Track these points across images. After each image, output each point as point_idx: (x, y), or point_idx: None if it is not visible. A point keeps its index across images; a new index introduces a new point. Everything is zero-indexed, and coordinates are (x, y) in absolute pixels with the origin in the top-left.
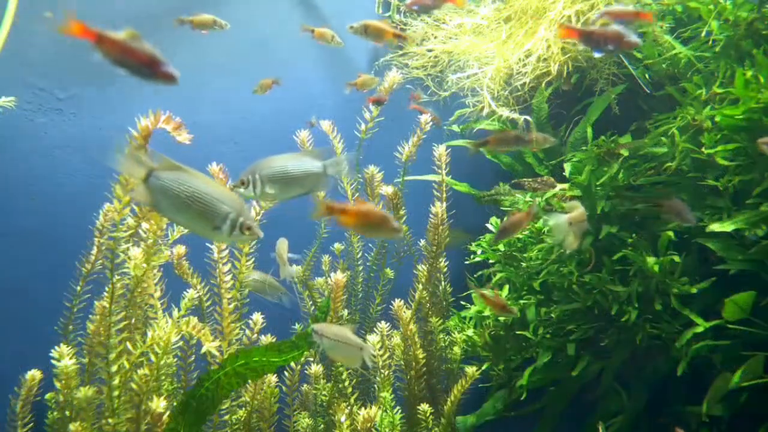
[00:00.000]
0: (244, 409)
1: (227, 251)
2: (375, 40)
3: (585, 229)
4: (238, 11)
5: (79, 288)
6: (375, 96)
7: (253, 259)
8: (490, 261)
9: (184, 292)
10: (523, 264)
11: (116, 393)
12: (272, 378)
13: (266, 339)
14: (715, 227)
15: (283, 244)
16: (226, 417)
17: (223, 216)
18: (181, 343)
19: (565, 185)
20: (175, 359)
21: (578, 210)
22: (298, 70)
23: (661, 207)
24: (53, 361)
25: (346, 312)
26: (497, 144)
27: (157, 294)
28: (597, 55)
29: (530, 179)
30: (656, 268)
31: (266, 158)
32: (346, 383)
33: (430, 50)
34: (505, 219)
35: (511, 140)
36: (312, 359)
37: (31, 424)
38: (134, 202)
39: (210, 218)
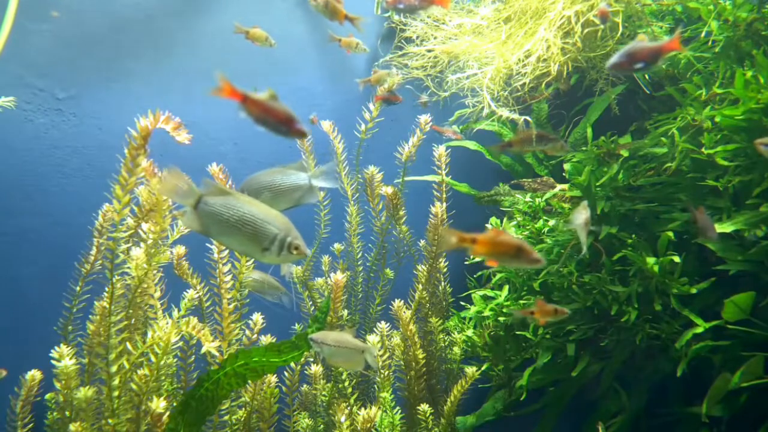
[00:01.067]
0: (243, 409)
1: (227, 251)
2: (330, 18)
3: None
4: (238, 11)
5: (78, 288)
6: (385, 95)
7: (252, 259)
8: None
9: (184, 293)
10: None
11: (116, 393)
12: (272, 378)
13: (266, 339)
14: (715, 227)
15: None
16: (226, 417)
17: (272, 237)
18: (181, 343)
19: (565, 186)
20: (175, 359)
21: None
22: (298, 71)
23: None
24: (53, 362)
25: (345, 312)
26: (522, 144)
27: (157, 294)
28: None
29: (530, 179)
30: (656, 268)
31: (253, 175)
32: (346, 383)
33: (429, 50)
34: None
35: (534, 140)
36: (312, 359)
37: (31, 424)
38: (183, 223)
39: (259, 240)
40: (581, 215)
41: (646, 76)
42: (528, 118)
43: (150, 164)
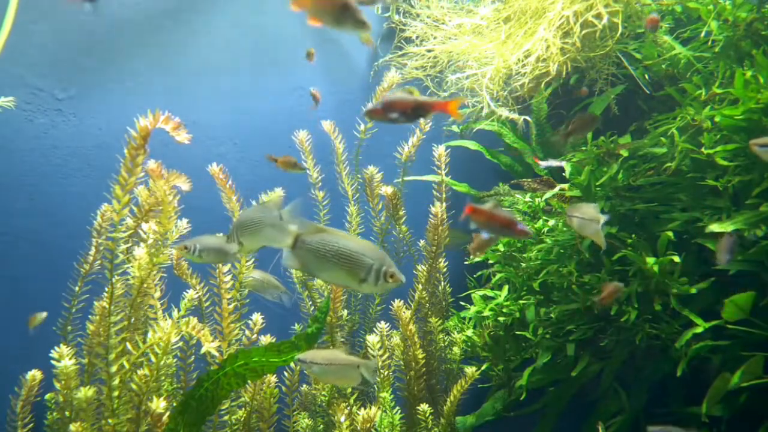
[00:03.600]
0: (243, 409)
1: None
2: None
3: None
4: (237, 11)
5: (77, 288)
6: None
7: (252, 259)
8: (490, 261)
9: (184, 293)
10: (523, 264)
11: (116, 393)
12: (272, 378)
13: (266, 339)
14: (715, 227)
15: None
16: (226, 417)
17: (368, 268)
18: (180, 343)
19: (565, 185)
20: (175, 360)
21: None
22: (297, 71)
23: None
24: (53, 362)
25: (345, 312)
26: (581, 129)
27: (157, 294)
28: None
29: (530, 179)
30: (656, 268)
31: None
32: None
33: (429, 50)
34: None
35: (590, 121)
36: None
37: (31, 424)
38: (283, 263)
39: (356, 272)
40: (591, 210)
41: (646, 76)
42: (528, 118)
43: (158, 165)
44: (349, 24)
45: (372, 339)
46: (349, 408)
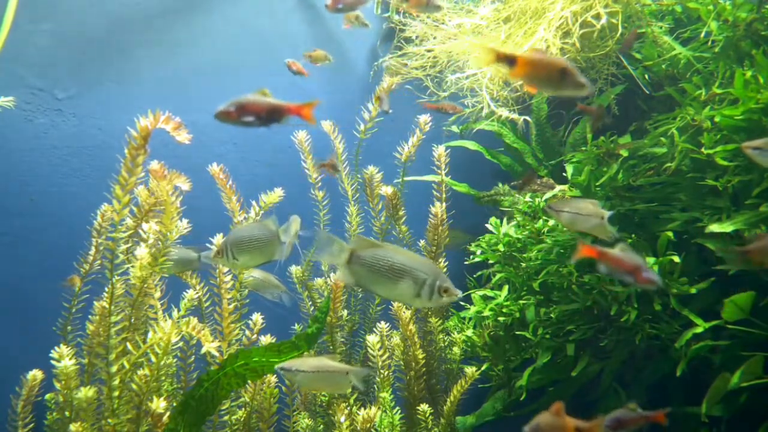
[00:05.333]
0: (243, 409)
1: None
2: None
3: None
4: (237, 11)
5: (77, 288)
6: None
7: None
8: (490, 261)
9: (184, 293)
10: (523, 264)
11: (116, 393)
12: (272, 378)
13: (266, 339)
14: (715, 228)
15: (295, 222)
16: (226, 417)
17: (422, 282)
18: (181, 343)
19: (564, 186)
20: (175, 360)
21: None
22: None
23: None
24: (53, 362)
25: (345, 312)
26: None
27: (158, 294)
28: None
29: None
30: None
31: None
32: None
33: (429, 50)
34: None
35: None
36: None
37: (32, 424)
38: (337, 279)
39: (410, 287)
40: (594, 206)
41: (646, 76)
42: (527, 118)
43: (161, 166)
44: (570, 88)
45: (372, 339)
46: (349, 408)
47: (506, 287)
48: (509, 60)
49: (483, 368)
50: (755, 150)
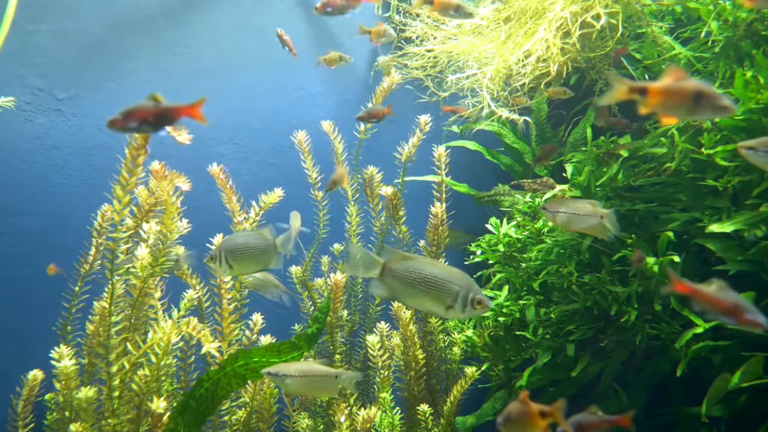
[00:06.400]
0: (243, 409)
1: None
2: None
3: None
4: (236, 11)
5: (77, 288)
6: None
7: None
8: (490, 261)
9: (184, 293)
10: (523, 264)
11: (116, 394)
12: None
13: (266, 339)
14: (715, 228)
15: (296, 218)
16: (226, 417)
17: (454, 295)
18: (181, 343)
19: (564, 186)
20: (175, 360)
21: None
22: (296, 71)
23: None
24: (53, 362)
25: (345, 312)
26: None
27: (158, 294)
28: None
29: (530, 180)
30: (656, 268)
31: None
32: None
33: (429, 50)
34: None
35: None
36: (312, 360)
37: (32, 424)
38: (370, 291)
39: (443, 299)
40: (593, 206)
41: (646, 76)
42: (527, 118)
43: (162, 166)
44: (708, 111)
45: (372, 339)
46: (349, 408)
47: (506, 287)
48: (641, 92)
49: (483, 368)
50: (749, 150)
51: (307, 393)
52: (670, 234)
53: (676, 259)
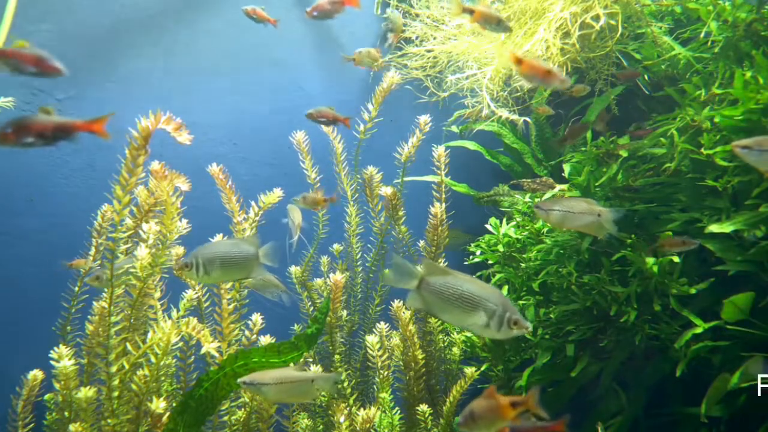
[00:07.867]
0: (243, 409)
1: None
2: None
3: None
4: (235, 11)
5: (77, 288)
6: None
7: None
8: (489, 262)
9: (183, 293)
10: (522, 265)
11: (116, 394)
12: None
13: (265, 340)
14: (714, 228)
15: (295, 211)
16: (225, 418)
17: (490, 313)
18: (180, 344)
19: (564, 186)
20: (175, 360)
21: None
22: (296, 71)
23: None
24: (52, 362)
25: (345, 313)
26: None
27: (157, 295)
28: None
29: (529, 180)
30: (655, 268)
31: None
32: (345, 384)
33: (429, 51)
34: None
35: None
36: (311, 360)
37: (32, 424)
38: (407, 304)
39: (479, 316)
40: (589, 204)
41: (646, 77)
42: (527, 118)
43: (161, 167)
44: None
45: (372, 339)
46: (348, 408)
47: (506, 287)
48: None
49: (482, 368)
50: (744, 149)
51: (286, 400)
52: (670, 234)
53: (676, 259)
